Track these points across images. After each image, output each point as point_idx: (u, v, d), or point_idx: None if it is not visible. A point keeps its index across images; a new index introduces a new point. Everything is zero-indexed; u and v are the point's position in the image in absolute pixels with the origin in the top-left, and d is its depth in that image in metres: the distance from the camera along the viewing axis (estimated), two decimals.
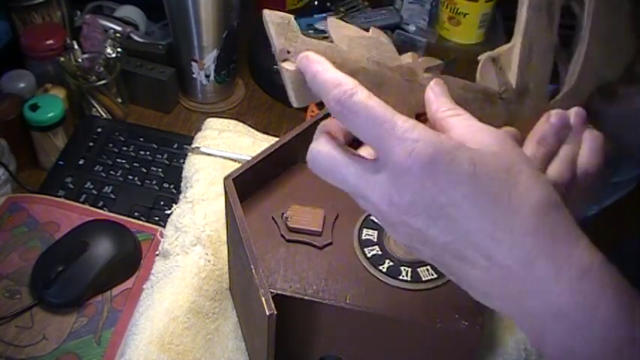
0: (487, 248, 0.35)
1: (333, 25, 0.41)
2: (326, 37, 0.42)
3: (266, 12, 0.39)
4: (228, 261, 0.64)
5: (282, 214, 0.57)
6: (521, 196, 0.35)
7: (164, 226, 0.73)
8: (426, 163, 0.34)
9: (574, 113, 0.47)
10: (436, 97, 0.41)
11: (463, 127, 0.38)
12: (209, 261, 0.67)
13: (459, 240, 0.35)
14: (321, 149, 0.38)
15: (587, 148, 0.46)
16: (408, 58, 0.44)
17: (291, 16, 0.40)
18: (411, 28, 1.07)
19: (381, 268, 0.53)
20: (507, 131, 0.45)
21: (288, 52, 0.38)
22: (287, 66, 0.38)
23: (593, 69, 0.51)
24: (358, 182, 0.37)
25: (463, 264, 0.36)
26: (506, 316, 0.39)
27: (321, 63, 0.37)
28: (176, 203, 0.74)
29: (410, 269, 0.53)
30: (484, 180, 0.35)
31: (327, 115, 0.40)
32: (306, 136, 0.61)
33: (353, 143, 0.40)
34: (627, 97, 0.55)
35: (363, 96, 0.36)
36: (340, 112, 0.36)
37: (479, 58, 0.47)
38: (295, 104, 0.39)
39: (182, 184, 0.77)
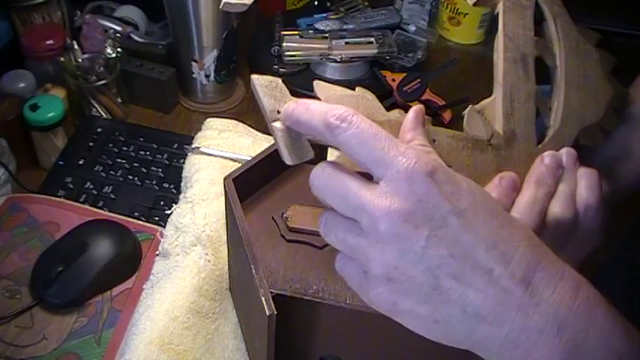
0: (489, 262, 0.34)
1: (320, 87, 0.42)
2: (326, 38, 0.42)
3: (254, 77, 0.40)
4: (228, 261, 0.64)
5: (282, 214, 0.57)
6: (506, 213, 0.37)
7: (164, 226, 0.73)
8: (430, 172, 0.35)
9: (565, 153, 0.48)
10: (413, 126, 0.41)
11: None
12: (209, 261, 0.67)
13: (458, 254, 0.34)
14: (326, 166, 0.38)
15: (584, 185, 0.47)
16: (396, 113, 0.45)
17: (279, 79, 0.41)
18: (411, 28, 1.07)
19: None
20: (504, 176, 0.46)
21: (278, 112, 0.40)
22: (278, 125, 0.39)
23: (574, 114, 0.53)
24: (359, 191, 0.36)
25: (458, 282, 0.35)
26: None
27: (309, 101, 0.38)
28: (176, 203, 0.74)
29: None
30: (480, 196, 0.36)
31: None
32: None
33: None
34: (613, 135, 0.57)
35: (359, 116, 0.36)
36: (338, 133, 0.36)
37: (463, 113, 0.49)
38: (289, 162, 0.39)
39: (182, 184, 0.77)
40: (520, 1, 0.53)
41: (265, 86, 0.40)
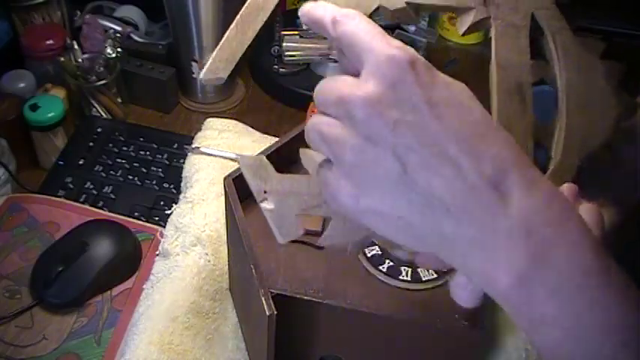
0: (459, 155, 0.33)
1: (305, 156, 0.41)
2: (326, 37, 0.42)
3: (239, 157, 0.41)
4: (228, 261, 0.64)
5: None
6: (487, 115, 0.36)
7: (164, 226, 0.73)
8: (410, 60, 0.34)
9: (565, 191, 0.46)
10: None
11: None
12: (209, 261, 0.67)
13: (427, 142, 0.34)
14: (323, 79, 0.38)
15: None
16: None
17: (262, 157, 0.41)
18: (411, 28, 1.07)
19: (381, 268, 0.53)
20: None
21: (265, 192, 0.40)
22: (266, 205, 0.40)
23: (576, 139, 0.51)
24: (340, 85, 0.35)
25: (426, 171, 0.34)
26: (461, 250, 0.35)
27: (322, 2, 0.39)
28: (176, 203, 0.74)
29: (410, 269, 0.53)
30: (459, 93, 0.35)
31: None
32: None
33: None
34: (621, 152, 0.55)
35: (362, 16, 0.37)
36: (339, 25, 0.37)
37: None
38: (281, 241, 0.40)
39: (182, 184, 0.77)
40: (513, 22, 0.50)
41: (250, 166, 0.40)
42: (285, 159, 0.61)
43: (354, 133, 0.35)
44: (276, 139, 0.62)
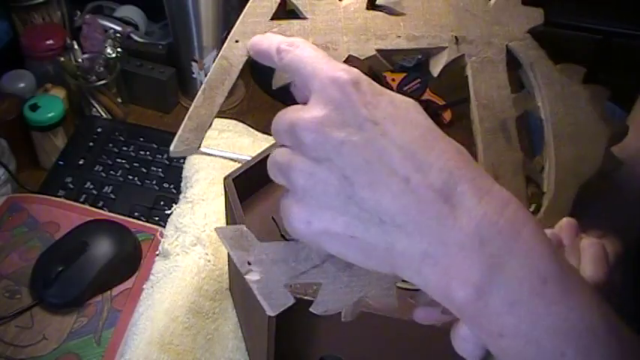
0: (406, 169, 0.33)
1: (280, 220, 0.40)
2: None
3: (217, 229, 0.39)
4: (228, 261, 0.64)
5: None
6: (435, 128, 0.35)
7: (164, 226, 0.73)
8: (353, 81, 0.35)
9: (564, 227, 0.45)
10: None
11: None
12: (209, 261, 0.67)
13: (374, 160, 0.33)
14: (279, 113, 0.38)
15: (588, 260, 0.44)
16: None
17: (243, 226, 0.39)
18: None
19: None
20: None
21: (249, 264, 0.38)
22: (251, 277, 0.38)
23: (569, 171, 0.49)
24: (291, 114, 0.36)
25: (374, 189, 0.33)
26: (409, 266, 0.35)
27: (270, 34, 0.40)
28: (176, 203, 0.74)
29: None
30: (404, 110, 0.35)
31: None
32: None
33: None
34: (615, 178, 0.53)
35: (306, 42, 0.38)
36: (284, 55, 0.38)
37: None
38: (271, 313, 0.38)
39: (182, 184, 0.77)
40: (489, 57, 0.48)
41: (231, 238, 0.39)
42: None
43: (303, 158, 0.35)
44: None
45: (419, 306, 0.42)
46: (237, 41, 0.43)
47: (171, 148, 0.44)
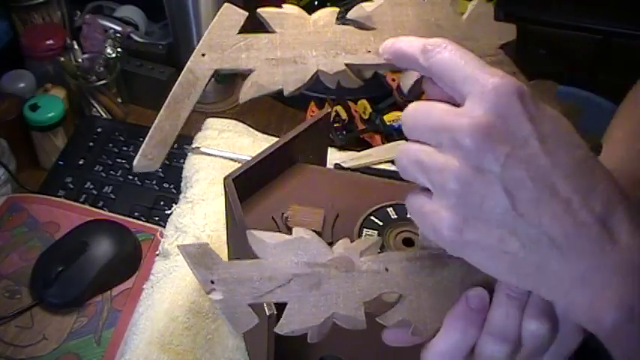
0: (568, 191, 0.33)
1: (253, 238, 0.39)
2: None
3: (180, 247, 0.38)
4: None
5: (282, 214, 0.57)
6: (594, 155, 0.35)
7: (164, 226, 0.73)
8: (518, 91, 0.34)
9: None
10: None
11: None
12: None
13: (538, 178, 0.33)
14: (417, 103, 0.37)
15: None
16: (340, 245, 0.41)
17: (207, 244, 0.38)
18: None
19: None
20: (471, 295, 0.41)
21: (212, 282, 0.37)
22: (214, 296, 0.37)
23: None
24: (442, 112, 0.35)
25: (536, 206, 0.33)
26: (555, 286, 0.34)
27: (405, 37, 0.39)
28: (176, 203, 0.74)
29: None
30: (564, 128, 0.35)
31: (327, 115, 0.39)
32: (306, 136, 0.61)
33: None
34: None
35: (453, 43, 0.37)
36: (432, 55, 0.36)
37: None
38: (239, 331, 0.37)
39: (182, 184, 0.77)
40: None
41: (194, 256, 0.37)
42: (285, 159, 0.61)
43: (462, 163, 0.34)
44: (276, 139, 0.62)
45: (388, 327, 0.42)
46: (203, 55, 0.42)
47: (134, 162, 0.43)
